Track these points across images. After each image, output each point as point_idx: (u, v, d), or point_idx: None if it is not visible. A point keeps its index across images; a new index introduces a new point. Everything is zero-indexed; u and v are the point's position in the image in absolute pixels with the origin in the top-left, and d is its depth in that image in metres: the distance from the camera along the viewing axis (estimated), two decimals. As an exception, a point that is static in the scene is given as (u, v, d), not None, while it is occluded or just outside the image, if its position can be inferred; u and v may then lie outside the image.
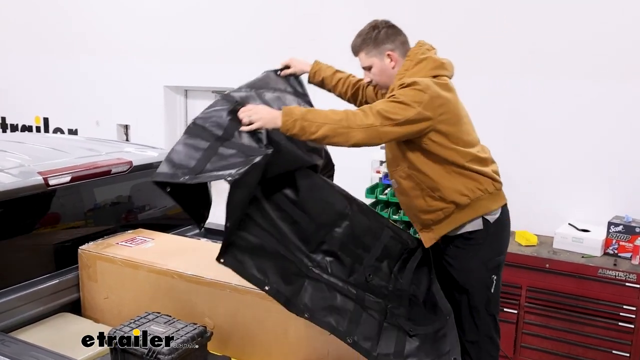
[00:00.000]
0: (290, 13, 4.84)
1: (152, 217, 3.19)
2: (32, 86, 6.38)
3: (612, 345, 3.42)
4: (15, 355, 2.06)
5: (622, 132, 3.73)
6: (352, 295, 2.21)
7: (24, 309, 2.47)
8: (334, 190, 2.37)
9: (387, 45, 2.32)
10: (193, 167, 2.03)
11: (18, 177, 2.53)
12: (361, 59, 2.37)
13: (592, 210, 3.85)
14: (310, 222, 2.24)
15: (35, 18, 6.21)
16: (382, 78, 2.35)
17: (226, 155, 2.06)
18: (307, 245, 2.23)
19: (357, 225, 2.32)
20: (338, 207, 2.31)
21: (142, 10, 5.56)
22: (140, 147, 3.39)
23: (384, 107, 2.12)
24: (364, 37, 2.34)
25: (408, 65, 2.30)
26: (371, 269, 2.30)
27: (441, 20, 4.19)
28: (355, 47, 2.37)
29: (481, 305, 2.39)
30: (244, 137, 2.12)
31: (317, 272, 2.21)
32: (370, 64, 2.35)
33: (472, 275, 2.38)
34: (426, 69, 2.27)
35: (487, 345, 2.45)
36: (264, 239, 2.13)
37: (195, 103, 5.74)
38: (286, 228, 2.20)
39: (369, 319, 2.18)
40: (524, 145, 4.01)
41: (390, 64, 2.33)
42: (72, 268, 2.67)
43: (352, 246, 2.30)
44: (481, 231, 2.35)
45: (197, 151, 2.06)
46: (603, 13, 3.71)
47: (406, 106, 2.12)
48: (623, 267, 3.42)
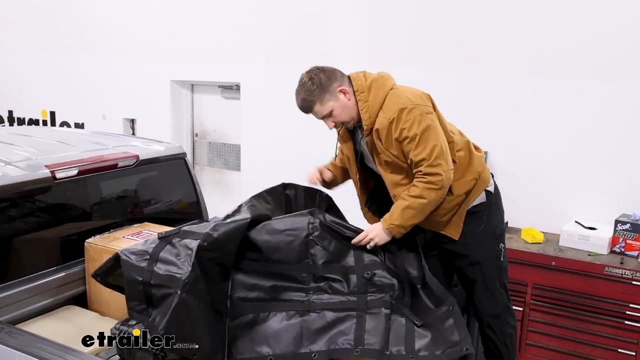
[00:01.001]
0: (295, 9, 4.83)
1: (158, 211, 3.20)
2: (39, 81, 6.40)
3: (618, 343, 3.41)
4: (22, 346, 2.07)
5: (630, 130, 3.71)
6: (353, 305, 2.23)
7: (31, 301, 2.48)
8: (289, 221, 2.34)
9: (334, 84, 2.35)
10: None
11: (25, 170, 2.54)
12: (318, 111, 2.37)
13: (599, 208, 3.83)
14: (283, 265, 2.28)
15: (46, 15, 6.23)
16: (345, 115, 2.38)
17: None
18: (297, 283, 2.28)
19: (326, 240, 2.32)
20: (299, 239, 2.29)
21: (149, 5, 5.56)
22: (146, 141, 3.39)
23: (433, 168, 2.27)
24: (309, 91, 2.34)
25: (363, 96, 2.35)
26: (365, 268, 2.30)
27: (441, 20, 4.18)
28: (306, 103, 2.36)
29: (495, 276, 2.52)
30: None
31: (316, 300, 2.25)
32: (329, 110, 2.35)
33: (483, 246, 2.49)
34: (382, 89, 2.35)
35: (506, 314, 2.59)
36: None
37: (201, 97, 5.74)
38: (269, 283, 2.26)
39: (375, 319, 2.20)
40: (530, 143, 4.00)
41: (346, 97, 2.36)
42: (78, 261, 2.68)
43: (334, 263, 2.31)
44: (485, 203, 2.48)
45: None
46: (605, 13, 3.69)
47: (424, 140, 2.26)
48: (630, 265, 3.40)
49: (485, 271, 2.50)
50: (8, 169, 2.52)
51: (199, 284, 2.11)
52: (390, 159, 2.37)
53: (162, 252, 2.21)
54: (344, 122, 2.41)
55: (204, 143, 5.80)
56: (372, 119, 2.34)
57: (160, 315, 2.08)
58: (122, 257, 2.22)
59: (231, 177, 5.64)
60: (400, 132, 2.28)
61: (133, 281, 2.17)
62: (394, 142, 2.32)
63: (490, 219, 2.51)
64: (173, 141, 4.74)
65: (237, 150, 5.49)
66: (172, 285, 2.10)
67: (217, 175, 5.76)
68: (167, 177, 3.27)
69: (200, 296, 2.10)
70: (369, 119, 2.34)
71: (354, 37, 4.55)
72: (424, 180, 2.27)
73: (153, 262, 2.18)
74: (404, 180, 2.40)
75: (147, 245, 2.27)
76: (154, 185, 3.26)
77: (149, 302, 2.15)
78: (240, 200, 2.50)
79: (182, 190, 3.33)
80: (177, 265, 2.16)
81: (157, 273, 2.15)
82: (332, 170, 2.71)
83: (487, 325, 2.57)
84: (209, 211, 3.45)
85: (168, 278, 2.13)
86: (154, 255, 2.20)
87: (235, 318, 2.20)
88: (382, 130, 2.32)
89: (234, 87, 5.41)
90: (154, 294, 2.13)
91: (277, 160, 5.02)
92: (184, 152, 3.33)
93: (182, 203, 3.36)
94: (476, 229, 2.47)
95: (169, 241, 2.25)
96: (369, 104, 2.34)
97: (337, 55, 4.62)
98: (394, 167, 2.40)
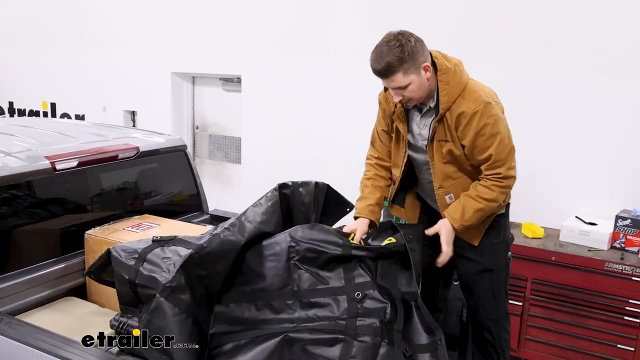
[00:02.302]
0: (296, 1, 4.81)
1: (159, 203, 3.20)
2: (39, 72, 6.39)
3: (617, 339, 3.41)
4: (21, 337, 2.07)
5: (631, 126, 3.70)
6: (341, 328, 2.08)
7: (31, 292, 2.48)
8: (272, 244, 2.25)
9: (421, 57, 2.15)
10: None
11: (25, 161, 2.54)
12: (397, 80, 2.15)
13: (600, 204, 3.83)
14: (266, 293, 2.18)
15: (47, 7, 6.21)
16: (419, 93, 2.21)
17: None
18: (282, 314, 2.15)
19: (310, 263, 2.21)
20: (281, 264, 2.20)
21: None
22: (147, 132, 3.38)
23: (510, 170, 2.29)
24: (398, 56, 2.11)
25: (445, 78, 2.22)
26: (355, 288, 2.18)
27: (441, 19, 4.17)
28: (390, 68, 2.13)
29: (502, 282, 2.54)
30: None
31: (304, 326, 2.10)
32: (408, 82, 2.15)
33: (498, 255, 2.51)
34: (463, 75, 2.27)
35: (504, 320, 2.61)
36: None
37: (202, 90, 5.73)
38: (253, 316, 2.14)
39: (362, 348, 2.02)
40: (531, 139, 3.98)
41: (427, 75, 2.18)
42: (78, 253, 2.68)
43: (321, 285, 2.19)
44: (504, 213, 2.49)
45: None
46: (605, 11, 3.67)
47: (506, 141, 2.27)
48: (630, 261, 3.40)
49: (495, 279, 2.51)
50: (8, 160, 2.52)
51: (181, 293, 2.03)
52: (457, 150, 2.28)
53: (150, 253, 2.15)
54: (411, 99, 2.23)
55: (205, 135, 5.79)
56: (449, 103, 2.21)
57: (146, 314, 2.04)
58: (113, 254, 2.19)
59: (232, 170, 5.64)
60: (483, 126, 2.20)
61: (121, 278, 2.15)
62: (471, 134, 2.22)
63: (506, 229, 2.54)
64: (174, 133, 4.73)
65: (237, 143, 5.48)
66: (155, 287, 2.05)
67: (217, 167, 5.76)
68: (167, 169, 3.27)
69: (179, 305, 2.01)
70: (447, 102, 2.21)
71: (356, 30, 4.53)
72: (500, 185, 2.24)
73: (140, 261, 2.13)
74: (456, 173, 2.36)
75: (139, 244, 2.23)
76: (154, 177, 3.25)
77: (139, 299, 2.12)
78: (240, 193, 2.51)
79: (183, 183, 3.32)
80: (162, 268, 2.09)
81: (142, 273, 2.10)
82: (373, 205, 2.48)
83: (487, 329, 2.57)
84: (209, 204, 3.45)
85: (150, 279, 2.08)
86: (142, 255, 2.15)
87: (214, 349, 2.09)
88: (464, 118, 2.20)
89: (235, 80, 5.40)
90: (140, 292, 2.10)
91: (278, 153, 5.01)
92: (184, 144, 3.32)
93: (183, 195, 3.35)
94: (495, 238, 2.47)
95: (161, 245, 2.20)
96: (450, 87, 2.20)
97: (339, 47, 4.61)
98: (452, 159, 2.33)
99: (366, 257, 2.22)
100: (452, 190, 2.39)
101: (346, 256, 2.22)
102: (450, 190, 2.39)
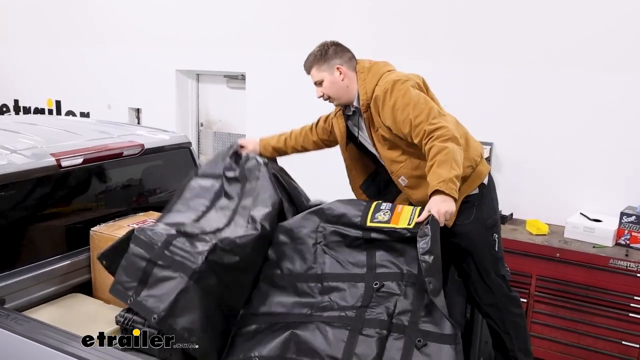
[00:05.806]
0: None
1: (163, 200, 3.19)
2: (45, 70, 6.41)
3: (622, 336, 3.41)
4: (27, 333, 2.07)
5: (636, 123, 3.69)
6: (348, 322, 2.10)
7: (36, 288, 2.50)
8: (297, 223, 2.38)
9: (335, 60, 2.52)
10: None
11: (31, 159, 2.55)
12: (313, 75, 2.57)
13: (604, 200, 3.82)
14: (293, 276, 2.28)
15: (52, 5, 6.23)
16: (332, 90, 2.54)
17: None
18: (304, 297, 2.23)
19: (335, 247, 2.30)
20: (307, 247, 2.32)
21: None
22: (151, 130, 3.39)
23: (435, 124, 2.28)
24: (315, 55, 2.56)
25: (362, 76, 2.51)
26: (376, 278, 2.20)
27: (449, 12, 4.15)
28: (307, 64, 2.59)
29: (488, 265, 2.50)
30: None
31: (316, 315, 2.15)
32: (321, 79, 2.54)
33: (473, 236, 2.48)
34: (379, 70, 2.49)
35: (506, 304, 2.56)
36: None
37: (206, 87, 5.74)
38: (277, 299, 2.25)
39: (367, 343, 2.03)
40: (536, 135, 3.98)
41: (340, 77, 2.52)
42: (83, 249, 2.70)
43: (343, 271, 2.25)
44: (477, 194, 2.48)
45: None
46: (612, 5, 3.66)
47: (421, 104, 2.33)
48: (635, 257, 3.39)
49: (479, 262, 2.49)
50: (14, 157, 2.53)
51: (209, 279, 2.10)
52: (387, 134, 2.43)
53: (176, 240, 2.19)
54: (330, 98, 2.58)
55: (209, 133, 5.80)
56: (368, 94, 2.46)
57: (155, 298, 2.06)
58: (136, 233, 2.23)
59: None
60: (395, 101, 2.36)
61: (138, 256, 2.17)
62: (388, 112, 2.38)
63: (481, 210, 2.48)
64: (178, 131, 4.74)
65: (242, 140, 5.48)
66: (177, 270, 2.09)
67: (222, 165, 5.75)
68: (172, 166, 3.28)
69: (206, 289, 2.09)
70: (365, 94, 2.47)
71: (360, 27, 4.52)
72: (432, 137, 2.25)
73: (167, 244, 2.18)
74: (400, 157, 2.46)
75: (166, 229, 2.26)
76: (159, 174, 3.26)
77: (143, 281, 2.13)
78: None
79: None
80: (189, 254, 2.14)
81: (166, 255, 2.14)
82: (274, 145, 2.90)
83: (486, 314, 2.58)
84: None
85: (174, 262, 2.12)
86: (169, 239, 2.19)
87: (239, 328, 2.18)
88: (379, 100, 2.42)
89: (239, 77, 5.40)
90: (155, 273, 2.12)
91: (282, 150, 5.01)
92: (189, 142, 3.33)
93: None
94: (465, 219, 2.45)
95: (186, 237, 2.25)
96: (367, 82, 2.48)
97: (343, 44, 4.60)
98: (391, 144, 2.47)
99: (389, 241, 2.24)
100: (402, 173, 2.49)
101: (367, 239, 2.28)
102: (400, 173, 2.50)
